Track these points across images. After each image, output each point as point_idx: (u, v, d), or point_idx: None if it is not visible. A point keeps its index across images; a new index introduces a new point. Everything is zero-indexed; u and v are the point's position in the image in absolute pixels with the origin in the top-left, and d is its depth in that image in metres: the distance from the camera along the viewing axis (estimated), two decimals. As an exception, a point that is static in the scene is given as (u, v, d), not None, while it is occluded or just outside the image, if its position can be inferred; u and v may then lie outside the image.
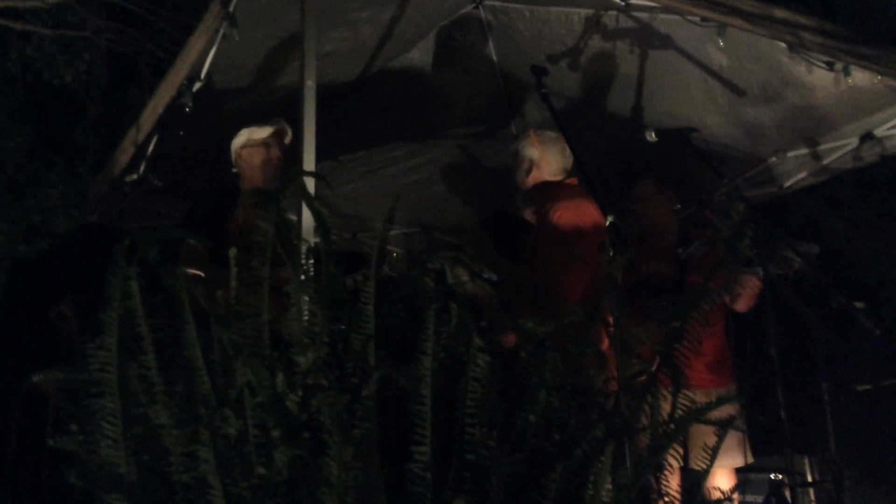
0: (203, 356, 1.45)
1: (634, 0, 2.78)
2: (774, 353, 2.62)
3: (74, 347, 1.51)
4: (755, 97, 3.21)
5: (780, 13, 2.60)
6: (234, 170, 3.11)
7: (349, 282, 1.94)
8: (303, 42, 2.43)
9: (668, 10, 2.82)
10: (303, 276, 1.48)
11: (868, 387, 4.19)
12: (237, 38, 2.61)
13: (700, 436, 1.61)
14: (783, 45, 2.77)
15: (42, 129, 6.45)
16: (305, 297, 1.45)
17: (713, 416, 1.56)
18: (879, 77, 2.75)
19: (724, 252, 1.60)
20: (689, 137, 3.04)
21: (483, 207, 4.49)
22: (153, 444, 1.44)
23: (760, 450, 3.23)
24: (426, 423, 1.33)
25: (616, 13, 3.05)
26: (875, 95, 2.93)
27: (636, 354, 1.60)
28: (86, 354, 1.47)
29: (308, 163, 2.30)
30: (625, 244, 2.01)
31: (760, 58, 2.97)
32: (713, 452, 1.59)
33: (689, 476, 1.60)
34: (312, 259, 1.50)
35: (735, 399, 2.91)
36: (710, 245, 3.01)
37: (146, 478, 1.42)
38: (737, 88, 3.19)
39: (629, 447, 1.50)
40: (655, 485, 1.52)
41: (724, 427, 1.60)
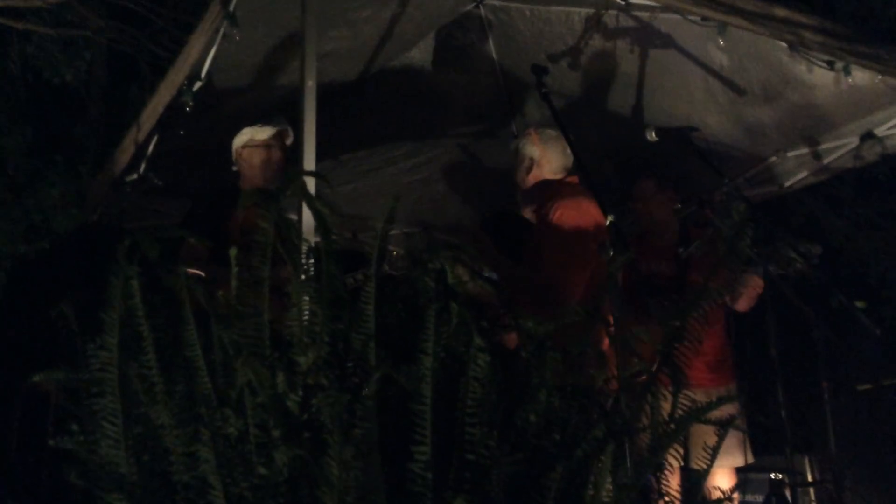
0: (204, 356, 1.45)
1: (634, -1, 2.79)
2: (775, 353, 2.62)
3: (75, 347, 1.52)
4: (756, 96, 3.21)
5: (781, 12, 2.60)
6: (235, 168, 3.12)
7: (349, 280, 1.94)
8: (303, 41, 2.43)
9: (669, 10, 2.82)
10: (303, 276, 1.48)
11: (868, 386, 4.19)
12: (237, 38, 2.61)
13: (700, 435, 1.61)
14: (784, 45, 2.77)
15: (42, 128, 6.44)
16: (306, 297, 1.46)
17: (713, 416, 1.56)
18: (880, 76, 2.75)
19: (725, 251, 1.60)
20: (690, 137, 3.05)
21: (483, 207, 4.48)
22: (154, 444, 1.44)
23: (761, 449, 3.23)
24: (426, 423, 1.33)
25: (616, 12, 3.05)
26: (875, 94, 2.93)
27: (636, 354, 1.60)
28: (86, 354, 1.47)
29: (308, 162, 2.30)
30: (625, 244, 2.01)
31: (761, 57, 2.97)
32: (713, 452, 1.59)
33: (690, 476, 1.60)
34: (313, 259, 1.50)
35: (735, 398, 2.92)
36: (711, 244, 3.01)
37: (147, 478, 1.42)
38: (737, 88, 3.19)
39: (629, 447, 1.50)
40: (656, 484, 1.52)
41: (725, 427, 1.60)
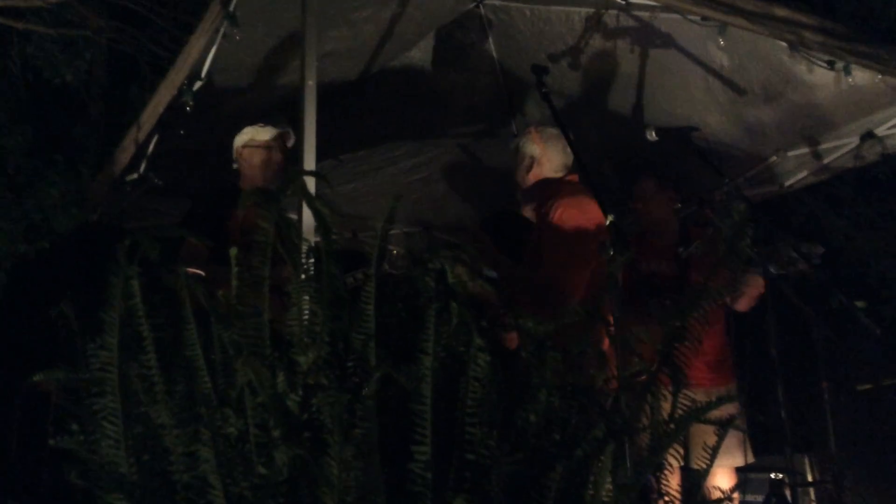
0: (204, 356, 1.45)
1: (635, -1, 2.78)
2: (775, 353, 2.62)
3: (75, 347, 1.52)
4: (756, 96, 3.20)
5: (781, 12, 2.60)
6: (235, 166, 3.12)
7: (349, 280, 1.94)
8: (303, 41, 2.43)
9: (669, 10, 2.82)
10: (303, 276, 1.48)
11: (868, 386, 4.19)
12: (238, 38, 2.61)
13: (701, 435, 1.61)
14: (784, 44, 2.76)
15: (42, 128, 6.44)
16: (306, 297, 1.46)
17: (713, 416, 1.56)
18: (880, 76, 2.75)
19: (725, 251, 1.60)
20: (690, 136, 3.04)
21: (484, 206, 4.48)
22: (154, 444, 1.44)
23: (761, 449, 3.23)
24: (426, 423, 1.33)
25: (617, 12, 3.05)
26: (876, 94, 2.93)
27: (636, 354, 1.60)
28: (87, 354, 1.47)
29: (308, 162, 2.30)
30: (625, 243, 2.01)
31: (761, 57, 2.97)
32: (713, 452, 1.59)
33: (690, 475, 1.60)
34: (313, 258, 1.50)
35: (735, 398, 2.91)
36: (711, 244, 3.01)
37: (147, 477, 1.42)
38: (737, 87, 3.19)
39: (629, 447, 1.50)
40: (655, 484, 1.52)
41: (725, 426, 1.60)
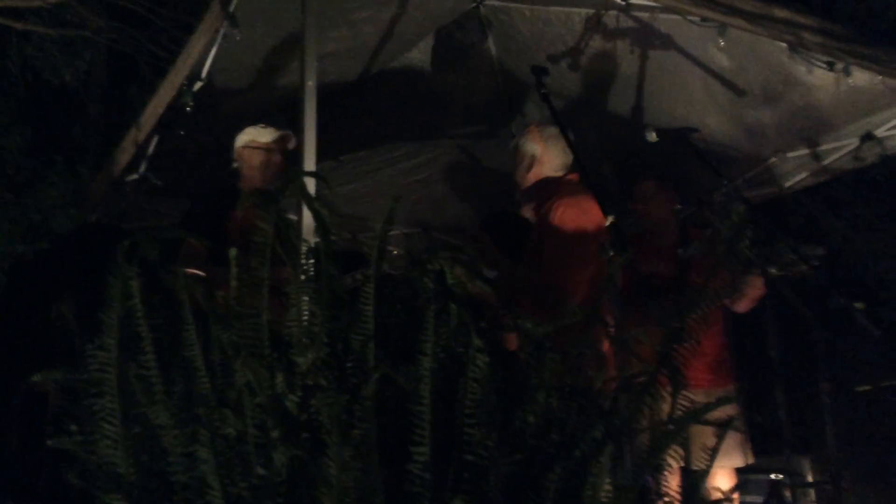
0: (203, 356, 1.45)
1: (634, 0, 2.78)
2: (774, 354, 2.62)
3: (74, 347, 1.51)
4: (755, 97, 3.20)
5: (781, 13, 2.60)
6: (235, 165, 3.11)
7: (348, 280, 1.94)
8: (303, 42, 2.43)
9: (669, 10, 2.82)
10: (302, 277, 1.48)
11: (867, 387, 4.19)
12: (238, 38, 2.61)
13: (700, 436, 1.61)
14: (783, 45, 2.76)
15: (42, 128, 6.45)
16: (305, 298, 1.45)
17: (713, 417, 1.56)
18: (880, 77, 2.75)
19: (724, 253, 1.60)
20: (689, 137, 3.04)
21: (483, 207, 4.48)
22: (152, 444, 1.44)
23: (760, 450, 3.22)
24: (425, 424, 1.33)
25: (616, 13, 3.05)
26: (875, 95, 2.93)
27: (635, 355, 1.60)
28: (85, 354, 1.47)
29: (308, 162, 2.29)
30: (625, 244, 2.01)
31: (761, 58, 2.97)
32: (713, 453, 1.59)
33: (689, 476, 1.60)
34: (312, 259, 1.50)
35: (735, 399, 2.91)
36: (710, 245, 3.01)
37: (145, 478, 1.42)
38: (737, 88, 3.19)
39: (628, 448, 1.50)
40: (655, 485, 1.52)
41: (724, 427, 1.60)
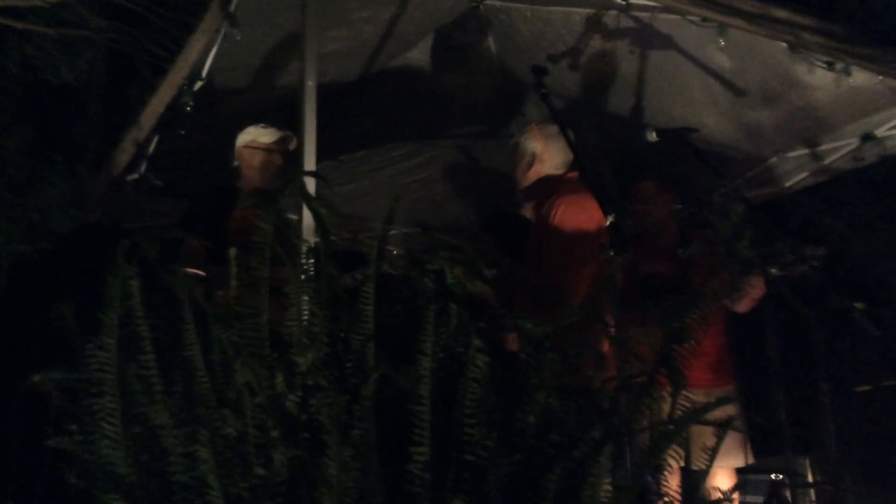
0: (202, 356, 1.45)
1: (634, 0, 2.78)
2: (774, 354, 2.62)
3: (74, 347, 1.51)
4: (755, 97, 3.21)
5: (780, 13, 2.60)
6: (236, 163, 3.11)
7: (348, 280, 1.94)
8: (303, 41, 2.43)
9: (669, 10, 2.82)
10: (302, 276, 1.48)
11: (867, 387, 4.20)
12: (238, 38, 2.61)
13: (700, 436, 1.61)
14: (783, 45, 2.77)
15: (42, 128, 6.44)
16: (305, 298, 1.45)
17: (713, 417, 1.56)
18: (880, 77, 2.75)
19: (724, 253, 1.60)
20: (689, 138, 3.04)
21: (483, 207, 4.48)
22: (152, 444, 1.44)
23: (761, 450, 3.23)
24: (425, 424, 1.33)
25: (616, 13, 3.05)
26: (875, 95, 2.93)
27: (635, 355, 1.60)
28: (85, 354, 1.47)
29: (308, 162, 2.30)
30: (624, 244, 2.01)
31: (761, 58, 2.97)
32: (713, 453, 1.59)
33: (689, 476, 1.60)
34: (312, 259, 1.50)
35: (735, 399, 2.91)
36: (710, 245, 3.00)
37: (145, 478, 1.42)
38: (737, 88, 3.19)
39: (628, 448, 1.50)
40: (655, 485, 1.52)
41: (724, 427, 1.60)
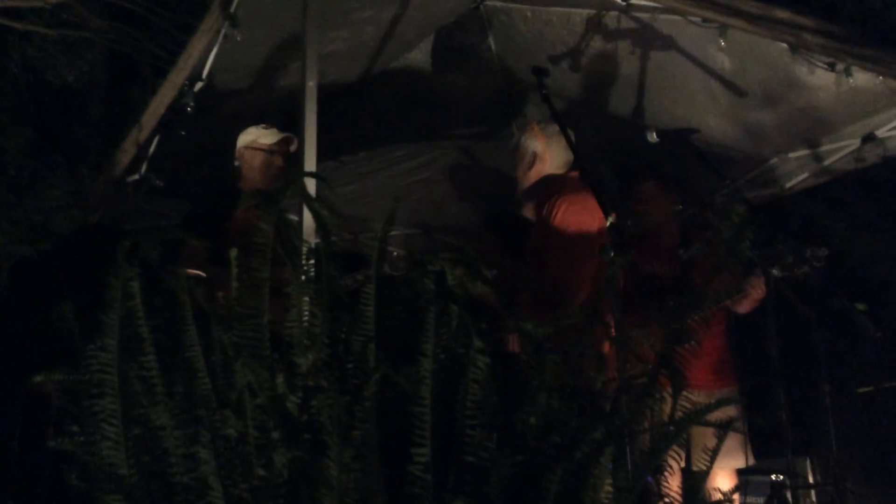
0: (203, 357, 1.45)
1: (635, 0, 2.78)
2: (775, 355, 2.62)
3: (75, 348, 1.52)
4: (756, 98, 3.20)
5: (782, 14, 2.60)
6: (237, 163, 3.11)
7: (349, 281, 1.94)
8: (304, 42, 2.43)
9: (670, 11, 2.82)
10: (303, 278, 1.48)
11: (869, 388, 4.19)
12: (238, 39, 2.62)
13: (701, 437, 1.61)
14: (784, 46, 2.77)
15: (43, 129, 6.45)
16: (306, 299, 1.45)
17: (714, 418, 1.56)
18: (881, 78, 2.75)
19: (725, 254, 1.60)
20: (690, 138, 3.04)
21: (484, 208, 4.48)
22: (153, 445, 1.44)
23: (762, 451, 3.22)
24: (426, 425, 1.33)
25: (617, 14, 3.05)
26: (876, 96, 2.93)
27: (636, 356, 1.60)
28: (86, 355, 1.47)
29: (309, 163, 2.30)
30: (625, 245, 2.01)
31: (762, 59, 2.97)
32: (713, 454, 1.59)
33: (690, 477, 1.59)
34: (313, 260, 1.50)
35: (736, 400, 2.91)
36: (711, 246, 3.00)
37: (146, 479, 1.42)
38: (738, 89, 3.19)
39: (629, 449, 1.50)
40: (656, 486, 1.52)
41: (725, 428, 1.59)
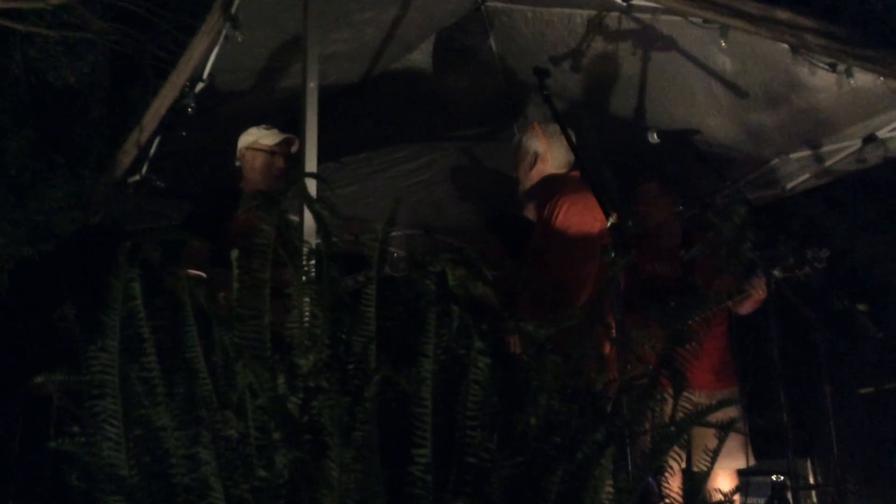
0: (204, 358, 1.45)
1: (636, 1, 2.78)
2: (776, 356, 2.62)
3: (76, 349, 1.52)
4: (758, 99, 3.20)
5: (783, 15, 2.60)
6: (238, 164, 3.11)
7: (349, 282, 1.94)
8: (305, 43, 2.43)
9: (671, 12, 2.81)
10: (304, 278, 1.48)
11: (870, 390, 4.19)
12: (239, 40, 2.62)
13: (702, 438, 1.61)
14: (786, 47, 2.77)
15: (45, 130, 6.46)
16: (307, 300, 1.46)
17: (715, 418, 1.56)
18: (882, 79, 2.75)
19: (726, 255, 1.60)
20: (692, 139, 3.04)
21: (485, 209, 4.48)
22: (154, 446, 1.44)
23: (762, 452, 3.22)
24: (427, 426, 1.33)
25: (618, 14, 3.05)
26: (877, 97, 2.93)
27: (638, 357, 1.60)
28: (87, 356, 1.47)
29: (310, 164, 2.30)
30: (626, 246, 2.01)
31: (763, 59, 2.97)
32: (714, 454, 1.59)
33: (691, 478, 1.59)
34: (314, 261, 1.50)
35: (737, 401, 2.90)
36: (712, 247, 3.00)
37: (147, 479, 1.42)
38: (739, 90, 3.19)
39: (630, 450, 1.50)
40: (656, 487, 1.52)
41: (726, 429, 1.59)
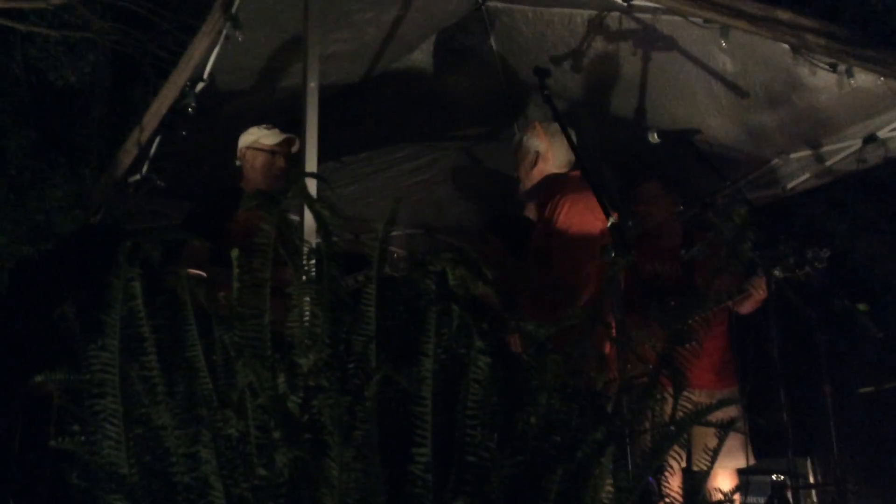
0: (205, 357, 1.45)
1: (637, 1, 2.78)
2: (777, 356, 2.62)
3: (77, 348, 1.52)
4: (758, 99, 3.20)
5: (784, 15, 2.60)
6: (238, 163, 3.11)
7: (349, 282, 1.94)
8: (305, 43, 2.43)
9: (671, 12, 2.82)
10: (304, 278, 1.48)
11: (870, 390, 4.19)
12: (240, 40, 2.62)
13: (702, 437, 1.61)
14: (786, 47, 2.77)
15: (45, 130, 6.47)
16: (307, 299, 1.46)
17: (715, 418, 1.56)
18: (882, 79, 2.75)
19: (727, 255, 1.60)
20: (692, 139, 3.04)
21: (485, 209, 4.49)
22: (155, 445, 1.44)
23: (763, 451, 3.22)
24: (427, 425, 1.33)
25: (619, 14, 3.05)
26: (878, 97, 2.93)
27: (638, 356, 1.60)
28: (88, 355, 1.47)
29: (310, 164, 2.30)
30: (627, 245, 2.01)
31: (764, 59, 2.97)
32: (714, 454, 1.59)
33: (691, 477, 1.59)
34: (314, 260, 1.50)
35: (738, 400, 2.90)
36: (712, 247, 3.00)
37: (147, 478, 1.42)
38: (740, 90, 3.19)
39: (630, 449, 1.50)
40: (656, 486, 1.52)
41: (726, 429, 1.59)
